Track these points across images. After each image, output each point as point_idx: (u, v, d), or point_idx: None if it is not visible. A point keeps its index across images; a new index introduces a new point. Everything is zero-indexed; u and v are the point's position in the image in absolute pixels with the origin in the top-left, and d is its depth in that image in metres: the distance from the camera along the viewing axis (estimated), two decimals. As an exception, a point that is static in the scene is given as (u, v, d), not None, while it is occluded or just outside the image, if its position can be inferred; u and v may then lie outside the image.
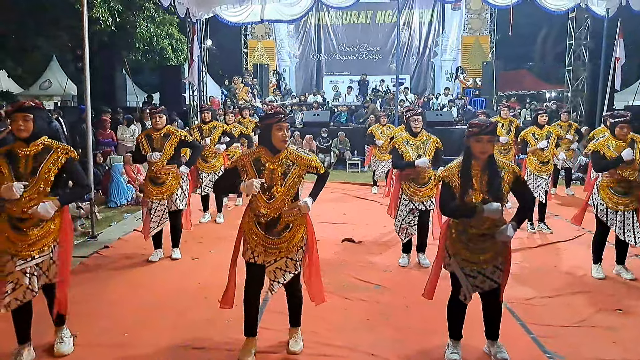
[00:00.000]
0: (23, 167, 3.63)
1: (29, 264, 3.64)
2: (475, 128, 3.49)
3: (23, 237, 3.62)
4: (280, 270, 3.77)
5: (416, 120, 5.78)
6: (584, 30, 15.62)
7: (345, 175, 13.65)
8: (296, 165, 3.72)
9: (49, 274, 3.73)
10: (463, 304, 3.73)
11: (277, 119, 3.62)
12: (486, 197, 3.52)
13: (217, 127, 7.96)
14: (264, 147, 3.72)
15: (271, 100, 18.97)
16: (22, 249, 3.61)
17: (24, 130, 3.61)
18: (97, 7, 11.93)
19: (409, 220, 5.88)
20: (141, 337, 4.15)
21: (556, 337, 4.16)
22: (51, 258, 3.73)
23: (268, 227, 3.70)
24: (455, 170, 3.62)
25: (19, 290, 3.61)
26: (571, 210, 8.96)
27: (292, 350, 3.89)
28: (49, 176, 3.66)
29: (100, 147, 10.89)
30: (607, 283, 5.44)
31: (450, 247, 3.72)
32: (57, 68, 22.23)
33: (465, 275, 3.64)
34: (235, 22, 14.46)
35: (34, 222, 3.63)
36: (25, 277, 3.62)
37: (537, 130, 7.34)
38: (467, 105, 18.02)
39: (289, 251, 3.75)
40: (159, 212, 5.96)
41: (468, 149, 3.58)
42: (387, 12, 22.21)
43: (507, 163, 3.65)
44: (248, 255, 3.76)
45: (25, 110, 3.61)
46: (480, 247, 3.60)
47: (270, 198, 3.66)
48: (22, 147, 3.66)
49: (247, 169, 3.70)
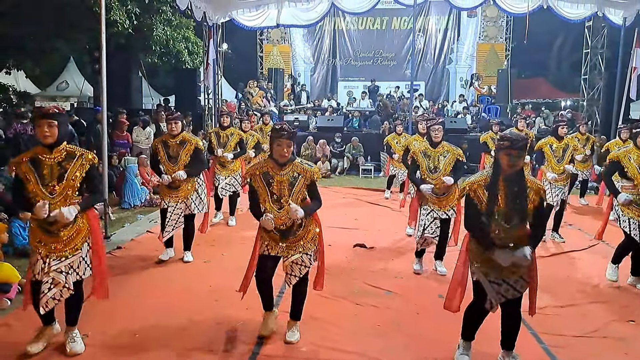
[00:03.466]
0: (48, 174, 3.69)
1: (63, 263, 3.75)
2: (506, 142, 3.42)
3: (55, 239, 3.73)
4: (297, 265, 4.04)
5: (437, 130, 5.66)
6: (600, 39, 15.53)
7: (358, 181, 13.63)
8: (302, 177, 3.97)
9: (79, 271, 3.85)
10: (485, 312, 3.70)
11: (278, 135, 3.86)
12: (510, 214, 3.48)
13: (234, 135, 7.95)
14: (272, 160, 3.95)
15: (285, 105, 19.04)
16: (56, 250, 3.73)
17: (49, 136, 3.67)
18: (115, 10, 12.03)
19: (432, 232, 5.73)
20: (152, 338, 4.18)
21: (568, 347, 4.14)
22: (81, 256, 3.85)
23: (283, 231, 4.00)
24: (481, 183, 3.58)
25: (56, 290, 3.72)
26: (585, 219, 8.92)
27: (290, 341, 4.08)
28: (76, 182, 3.75)
29: (115, 148, 10.99)
30: (620, 294, 5.40)
31: (474, 256, 3.69)
32: (74, 69, 22.47)
33: (490, 283, 3.60)
34: (251, 26, 14.54)
35: (63, 224, 3.72)
36: (61, 275, 3.73)
37: (555, 142, 7.14)
38: (482, 113, 17.96)
39: (305, 247, 4.05)
40: (175, 215, 6.00)
41: (497, 162, 3.52)
42: (402, 19, 22.18)
43: (535, 181, 3.58)
44: (263, 249, 4.08)
45: (50, 117, 3.66)
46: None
47: (280, 208, 3.94)
48: (45, 154, 3.72)
49: (257, 181, 3.98)
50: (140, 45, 15.63)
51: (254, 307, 4.20)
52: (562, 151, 7.11)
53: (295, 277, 4.05)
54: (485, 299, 3.64)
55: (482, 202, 3.55)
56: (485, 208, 3.53)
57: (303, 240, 4.04)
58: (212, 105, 15.03)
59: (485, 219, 3.55)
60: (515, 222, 3.50)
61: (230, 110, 14.00)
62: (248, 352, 3.96)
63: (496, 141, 3.58)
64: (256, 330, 4.19)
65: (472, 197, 3.59)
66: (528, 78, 24.45)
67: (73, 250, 3.79)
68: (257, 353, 3.95)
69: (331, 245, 6.96)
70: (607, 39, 15.33)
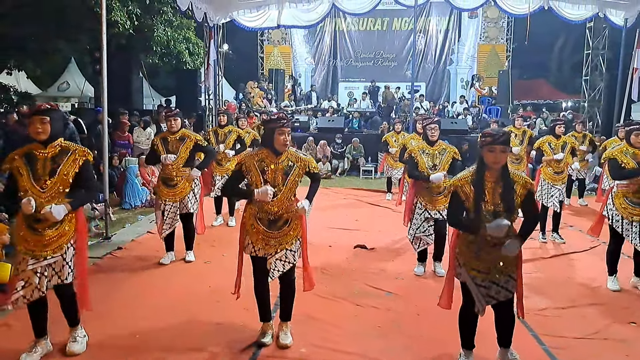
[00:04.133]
0: (41, 169, 3.67)
1: (40, 263, 3.68)
2: (488, 137, 3.45)
3: (38, 237, 3.66)
4: (281, 261, 4.02)
5: (433, 129, 5.72)
6: (601, 40, 15.52)
7: (358, 182, 13.64)
8: (296, 166, 3.99)
9: (61, 275, 3.74)
10: (475, 314, 3.68)
11: (279, 124, 3.89)
12: (498, 209, 3.48)
13: (232, 132, 8.04)
14: (267, 149, 3.97)
15: (286, 106, 19.04)
16: (35, 249, 3.66)
17: (42, 132, 3.65)
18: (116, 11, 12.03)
19: (424, 230, 5.78)
20: (152, 339, 4.18)
21: (568, 348, 4.13)
22: (64, 259, 3.75)
23: (270, 223, 3.96)
24: (468, 180, 3.58)
25: (28, 289, 3.65)
26: (584, 220, 8.90)
27: (284, 344, 4.05)
28: (68, 177, 3.71)
29: (116, 149, 10.99)
30: (621, 295, 5.39)
31: (460, 256, 3.68)
32: (75, 70, 22.49)
33: (477, 285, 3.58)
34: (252, 27, 14.53)
35: (49, 224, 3.67)
36: (35, 276, 3.66)
37: (553, 140, 7.23)
38: (483, 114, 17.96)
39: (288, 243, 4.01)
40: (171, 213, 6.04)
41: (481, 159, 3.54)
42: (403, 20, 22.20)
43: (521, 175, 3.60)
44: (249, 249, 4.04)
45: (42, 113, 3.66)
46: (491, 256, 3.54)
47: (274, 196, 3.90)
48: (39, 149, 3.71)
49: (251, 170, 3.95)
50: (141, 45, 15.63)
51: (253, 308, 4.19)
52: (561, 148, 7.17)
53: (277, 272, 4.00)
54: (473, 301, 3.62)
55: (469, 198, 3.55)
56: (472, 204, 3.53)
57: (288, 237, 4.00)
58: (212, 106, 15.04)
59: (473, 215, 3.54)
60: (503, 218, 3.47)
61: (230, 111, 14.02)
62: (248, 352, 3.96)
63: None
64: (256, 330, 4.18)
65: (459, 192, 3.59)
66: (529, 79, 24.45)
67: (53, 251, 3.70)
68: (257, 354, 3.95)
69: (332, 246, 6.99)
70: (609, 40, 15.32)
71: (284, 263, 4.02)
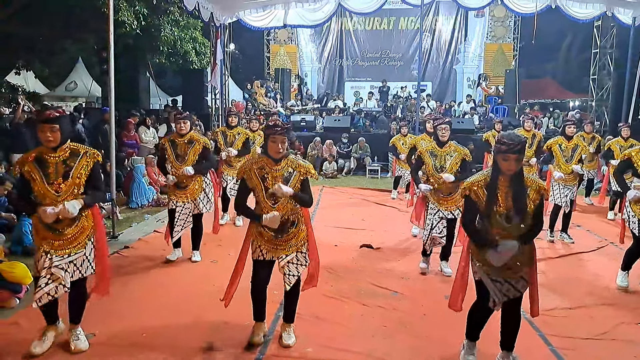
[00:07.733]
0: (53, 172, 3.73)
1: (65, 260, 3.78)
2: (503, 146, 3.40)
3: (59, 236, 3.76)
4: (293, 264, 4.03)
5: (444, 129, 5.65)
6: (609, 39, 15.44)
7: (364, 181, 13.62)
8: (296, 172, 3.97)
9: (82, 269, 3.87)
10: (488, 311, 3.68)
11: (272, 132, 3.85)
12: (510, 213, 3.47)
13: (241, 134, 7.98)
14: (266, 156, 3.95)
15: (292, 105, 19.04)
16: (59, 247, 3.76)
17: (52, 141, 3.71)
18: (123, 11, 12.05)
19: (439, 231, 5.74)
20: (159, 337, 4.19)
21: (576, 349, 4.11)
22: (84, 254, 3.87)
23: (276, 229, 3.94)
24: (481, 184, 3.57)
25: (52, 285, 3.73)
26: (592, 219, 8.88)
27: (287, 344, 4.04)
28: (82, 179, 3.80)
29: (123, 149, 11.02)
30: (630, 296, 5.36)
31: (476, 255, 3.67)
32: (82, 70, 22.55)
33: (493, 281, 3.58)
34: (258, 26, 14.54)
35: (68, 222, 3.76)
36: (61, 272, 3.75)
37: (564, 141, 7.17)
38: (489, 113, 17.90)
39: (297, 246, 4.04)
40: (183, 215, 6.03)
41: (495, 164, 3.52)
42: (409, 19, 22.15)
43: (534, 180, 3.57)
44: (257, 254, 4.03)
45: (52, 121, 3.68)
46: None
47: (275, 203, 3.92)
48: (49, 153, 3.76)
49: (252, 178, 3.93)
50: (148, 45, 15.66)
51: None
52: (572, 151, 7.11)
53: (293, 277, 4.00)
54: (488, 298, 3.63)
55: (482, 202, 3.54)
56: (485, 208, 3.52)
57: (295, 239, 4.02)
58: (219, 106, 15.06)
59: (485, 219, 3.55)
60: (515, 222, 3.48)
61: (238, 111, 14.03)
62: (254, 351, 3.96)
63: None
64: (263, 329, 4.19)
65: (472, 196, 3.58)
66: (536, 78, 24.30)
67: (76, 248, 3.82)
68: (263, 353, 3.95)
69: (338, 245, 6.98)
70: (617, 39, 15.23)
71: (297, 265, 4.04)
